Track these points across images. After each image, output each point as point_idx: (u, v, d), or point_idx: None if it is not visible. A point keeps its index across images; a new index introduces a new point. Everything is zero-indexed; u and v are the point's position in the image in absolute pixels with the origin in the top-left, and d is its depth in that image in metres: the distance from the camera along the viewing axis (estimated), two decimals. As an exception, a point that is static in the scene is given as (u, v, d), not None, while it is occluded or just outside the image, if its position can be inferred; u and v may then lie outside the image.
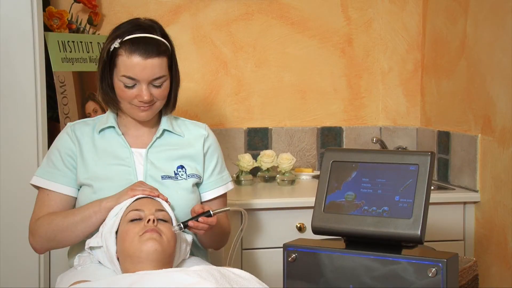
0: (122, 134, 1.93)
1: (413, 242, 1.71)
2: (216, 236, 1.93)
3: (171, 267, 1.71)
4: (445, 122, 2.88)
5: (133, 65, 1.82)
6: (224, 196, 2.03)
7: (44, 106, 2.40)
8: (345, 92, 3.11)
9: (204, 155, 1.98)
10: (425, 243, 1.75)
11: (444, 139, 2.86)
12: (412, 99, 3.12)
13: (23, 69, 2.36)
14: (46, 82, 2.43)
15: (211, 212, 1.77)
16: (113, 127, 1.93)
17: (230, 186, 2.04)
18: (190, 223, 1.76)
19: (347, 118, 3.12)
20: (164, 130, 1.95)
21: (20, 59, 2.36)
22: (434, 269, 1.63)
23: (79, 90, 2.58)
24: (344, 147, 3.06)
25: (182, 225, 1.74)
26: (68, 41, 2.59)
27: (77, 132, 1.92)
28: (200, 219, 1.76)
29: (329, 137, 3.09)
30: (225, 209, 1.83)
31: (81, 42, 2.65)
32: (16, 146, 2.37)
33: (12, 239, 2.38)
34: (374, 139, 2.97)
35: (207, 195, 1.98)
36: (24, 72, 2.36)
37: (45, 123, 2.40)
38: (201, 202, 1.98)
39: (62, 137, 1.93)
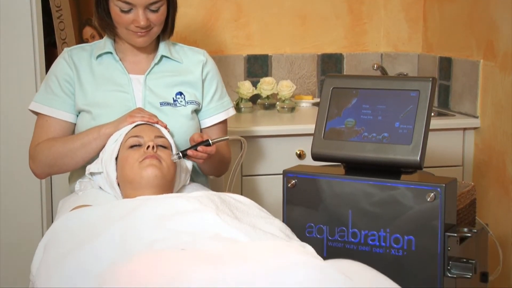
0: (120, 60, 1.91)
1: (413, 167, 1.72)
2: (216, 164, 1.93)
3: (171, 193, 1.72)
4: (447, 47, 2.85)
5: (129, -11, 1.78)
6: (224, 122, 2.02)
7: (41, 31, 2.37)
8: (346, 18, 3.06)
9: (203, 81, 1.96)
10: (424, 169, 1.76)
11: (445, 65, 2.83)
12: (414, 25, 3.08)
13: (18, -7, 2.32)
14: (42, 7, 2.38)
15: (210, 141, 1.76)
16: (111, 52, 1.90)
17: (232, 112, 2.03)
18: (189, 152, 1.75)
19: (347, 45, 3.08)
20: (162, 56, 1.93)
21: (15, -16, 2.32)
22: (432, 193, 1.65)
23: (76, 15, 2.54)
24: (344, 73, 3.04)
25: (181, 154, 1.73)
26: (63, -35, 2.53)
27: (75, 58, 1.90)
28: (199, 148, 1.75)
29: (330, 64, 3.06)
30: (224, 138, 1.81)
31: (76, -35, 2.59)
32: (14, 72, 2.36)
33: (13, 165, 2.40)
34: (375, 66, 2.94)
35: (207, 122, 1.98)
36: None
37: (42, 48, 2.38)
38: (201, 129, 1.98)
39: (60, 63, 1.91)
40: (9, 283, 2.47)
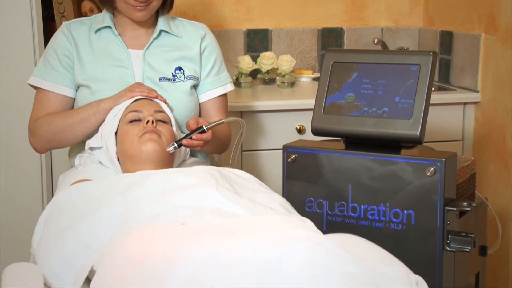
0: (119, 34, 1.89)
1: (413, 142, 1.72)
2: (214, 146, 1.92)
3: (171, 168, 1.72)
4: (448, 21, 2.83)
5: (128, -38, 1.77)
6: (223, 97, 2.00)
7: (39, 5, 2.35)
8: (346, -8, 3.04)
9: (201, 55, 1.95)
10: (424, 144, 1.76)
11: (446, 39, 2.82)
12: (416, -2, 3.06)
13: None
14: (40, -20, 2.37)
15: (205, 128, 1.72)
16: (110, 27, 1.89)
17: (230, 87, 2.02)
18: (184, 142, 1.70)
19: (348, 19, 3.06)
20: (161, 31, 1.92)
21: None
22: (432, 168, 1.65)
23: (74, -12, 2.52)
24: (345, 48, 3.02)
25: (176, 145, 1.69)
26: None
27: (73, 32, 1.89)
28: (194, 136, 1.70)
29: (330, 38, 3.04)
30: (219, 122, 1.76)
31: None
32: (12, 46, 2.35)
33: (12, 139, 2.40)
34: (376, 40, 2.93)
35: (205, 96, 1.97)
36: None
37: (41, 22, 2.36)
38: (200, 104, 1.97)
39: (58, 37, 1.90)
40: (10, 257, 2.48)
